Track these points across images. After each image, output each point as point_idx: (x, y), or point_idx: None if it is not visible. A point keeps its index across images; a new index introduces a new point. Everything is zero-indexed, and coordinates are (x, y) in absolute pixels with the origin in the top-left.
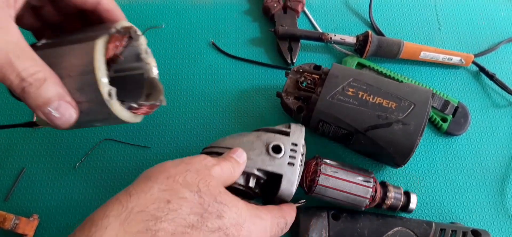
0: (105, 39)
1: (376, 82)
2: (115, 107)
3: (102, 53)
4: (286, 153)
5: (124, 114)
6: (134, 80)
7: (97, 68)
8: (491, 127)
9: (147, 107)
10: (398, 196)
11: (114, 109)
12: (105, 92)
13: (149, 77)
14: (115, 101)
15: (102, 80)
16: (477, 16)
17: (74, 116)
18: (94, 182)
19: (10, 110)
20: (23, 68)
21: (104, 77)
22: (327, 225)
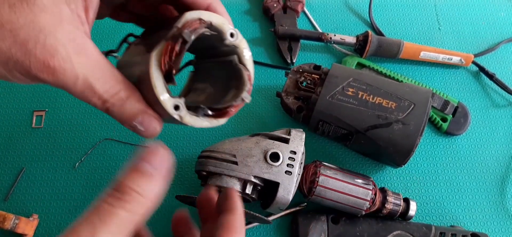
0: (159, 52)
1: (376, 82)
2: (187, 120)
3: (156, 69)
4: (284, 161)
5: (199, 123)
6: (225, 68)
7: (155, 86)
8: (491, 127)
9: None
10: (397, 202)
11: (185, 121)
12: (170, 107)
13: (237, 66)
14: (185, 113)
15: (161, 98)
16: (477, 16)
17: (158, 128)
18: (94, 181)
19: (10, 110)
20: (104, 91)
21: (163, 94)
22: (326, 229)
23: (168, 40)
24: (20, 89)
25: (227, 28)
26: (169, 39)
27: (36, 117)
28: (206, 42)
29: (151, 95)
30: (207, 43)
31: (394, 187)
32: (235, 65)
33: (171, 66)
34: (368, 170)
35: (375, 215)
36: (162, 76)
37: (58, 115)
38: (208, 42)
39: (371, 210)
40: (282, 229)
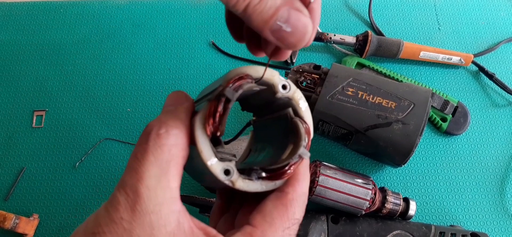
0: (203, 115)
1: (376, 82)
2: (239, 185)
3: (202, 134)
4: None
5: (253, 187)
6: (282, 123)
7: (201, 151)
8: (490, 127)
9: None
10: (397, 202)
11: (237, 186)
12: (220, 173)
13: (292, 119)
14: (236, 177)
15: (209, 163)
16: (476, 16)
17: (309, 25)
18: (94, 181)
19: (10, 109)
20: None
21: (211, 159)
22: (326, 229)
23: (212, 100)
24: (20, 89)
25: (278, 80)
26: (212, 99)
27: (36, 117)
28: (260, 98)
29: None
30: (262, 99)
31: (394, 186)
32: (290, 118)
33: (216, 129)
34: (368, 169)
35: (375, 214)
36: (209, 140)
37: (59, 115)
38: (262, 97)
39: (371, 210)
40: None
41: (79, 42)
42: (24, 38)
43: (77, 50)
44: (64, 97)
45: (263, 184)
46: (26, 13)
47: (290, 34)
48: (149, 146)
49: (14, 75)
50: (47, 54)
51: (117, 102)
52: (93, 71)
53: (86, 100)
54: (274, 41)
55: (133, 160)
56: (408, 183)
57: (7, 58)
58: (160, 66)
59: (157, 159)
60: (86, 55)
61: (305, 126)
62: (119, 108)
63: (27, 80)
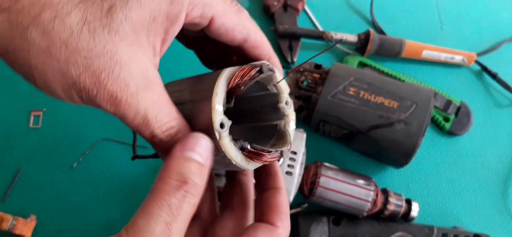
0: (232, 70)
1: (378, 81)
2: (224, 142)
3: (224, 81)
4: (284, 162)
5: (233, 152)
6: (266, 131)
7: (215, 93)
8: (493, 127)
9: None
10: (399, 203)
11: (223, 143)
12: (217, 120)
13: (282, 129)
14: (226, 135)
15: (217, 107)
16: (479, 15)
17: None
18: (91, 182)
19: (7, 110)
20: (158, 127)
21: (219, 104)
22: (327, 230)
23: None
24: (17, 89)
25: (287, 94)
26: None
27: (33, 117)
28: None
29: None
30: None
31: (396, 188)
32: (279, 129)
33: (238, 85)
34: (369, 170)
35: (376, 216)
36: (225, 91)
37: (56, 115)
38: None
39: (372, 211)
40: None
41: None
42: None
43: None
44: None
45: (240, 157)
46: None
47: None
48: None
49: (11, 74)
50: None
51: None
52: None
53: None
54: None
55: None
56: (410, 184)
57: None
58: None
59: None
60: None
61: (290, 142)
62: None
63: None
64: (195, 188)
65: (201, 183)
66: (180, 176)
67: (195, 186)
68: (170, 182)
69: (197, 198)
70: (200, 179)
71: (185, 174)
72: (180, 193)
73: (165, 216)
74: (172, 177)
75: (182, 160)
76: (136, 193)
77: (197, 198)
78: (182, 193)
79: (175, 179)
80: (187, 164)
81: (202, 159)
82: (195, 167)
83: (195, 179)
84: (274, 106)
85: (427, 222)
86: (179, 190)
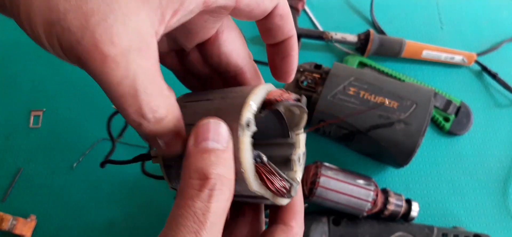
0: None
1: (378, 81)
2: (244, 139)
3: (266, 88)
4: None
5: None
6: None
7: (254, 93)
8: (493, 127)
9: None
10: (399, 203)
11: (241, 140)
12: (246, 116)
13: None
14: (249, 133)
15: (251, 103)
16: (479, 15)
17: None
18: (91, 182)
19: (7, 109)
20: (147, 102)
21: (254, 103)
22: (327, 230)
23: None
24: (17, 89)
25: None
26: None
27: (33, 117)
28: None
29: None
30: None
31: (396, 188)
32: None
33: (276, 100)
34: (369, 170)
35: (376, 216)
36: (264, 98)
37: (56, 115)
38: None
39: (372, 211)
40: None
41: None
42: (22, 37)
43: None
44: (62, 97)
45: (250, 167)
46: None
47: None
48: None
49: (11, 74)
50: (44, 53)
51: None
52: None
53: (84, 100)
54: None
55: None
56: (411, 184)
57: (4, 57)
58: None
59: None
60: None
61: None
62: None
63: (24, 80)
64: (221, 180)
65: (228, 172)
66: (200, 173)
67: (220, 179)
68: (191, 183)
69: (227, 192)
70: (224, 168)
71: (205, 169)
72: (204, 193)
73: (192, 225)
74: (192, 176)
75: (198, 154)
76: (136, 193)
77: (227, 192)
78: (207, 193)
79: (196, 178)
80: (204, 156)
81: (220, 145)
82: (214, 156)
83: (218, 170)
84: (286, 157)
85: (427, 222)
86: (203, 190)
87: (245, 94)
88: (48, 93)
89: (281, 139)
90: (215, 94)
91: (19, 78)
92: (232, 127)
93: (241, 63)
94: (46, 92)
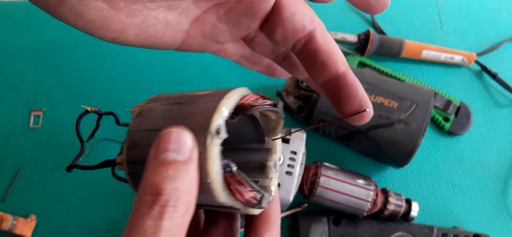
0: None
1: (378, 81)
2: (213, 148)
3: (240, 93)
4: (284, 161)
5: (215, 167)
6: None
7: (227, 97)
8: (493, 127)
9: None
10: (399, 203)
11: (209, 149)
12: (216, 123)
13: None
14: (218, 141)
15: (223, 109)
16: (479, 15)
17: None
18: (92, 182)
19: (7, 109)
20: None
21: (226, 108)
22: (327, 230)
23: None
24: (17, 88)
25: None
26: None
27: (33, 117)
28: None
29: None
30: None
31: (396, 188)
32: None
33: (250, 105)
34: (369, 170)
35: (376, 216)
36: (237, 103)
37: (56, 115)
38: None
39: (372, 211)
40: (283, 230)
41: (77, 42)
42: (21, 37)
43: (74, 50)
44: (62, 97)
45: (218, 177)
46: (23, 11)
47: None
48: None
49: (11, 74)
50: (44, 54)
51: (115, 102)
52: (91, 70)
53: (84, 100)
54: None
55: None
56: (410, 184)
57: (4, 57)
58: (159, 65)
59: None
60: (83, 55)
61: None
62: (117, 108)
63: (24, 80)
64: (177, 196)
65: (187, 186)
66: (152, 189)
67: (175, 194)
68: (143, 199)
69: (183, 208)
70: (183, 182)
71: (158, 184)
72: (154, 210)
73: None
74: (145, 191)
75: (154, 168)
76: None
77: (183, 207)
78: (158, 210)
79: (148, 194)
80: (161, 169)
81: (181, 156)
82: (172, 169)
83: (174, 184)
84: (262, 163)
85: (427, 222)
86: (154, 207)
87: (217, 99)
88: (48, 93)
89: (257, 144)
90: (188, 97)
91: (19, 78)
92: (199, 135)
93: (308, 25)
94: (46, 92)
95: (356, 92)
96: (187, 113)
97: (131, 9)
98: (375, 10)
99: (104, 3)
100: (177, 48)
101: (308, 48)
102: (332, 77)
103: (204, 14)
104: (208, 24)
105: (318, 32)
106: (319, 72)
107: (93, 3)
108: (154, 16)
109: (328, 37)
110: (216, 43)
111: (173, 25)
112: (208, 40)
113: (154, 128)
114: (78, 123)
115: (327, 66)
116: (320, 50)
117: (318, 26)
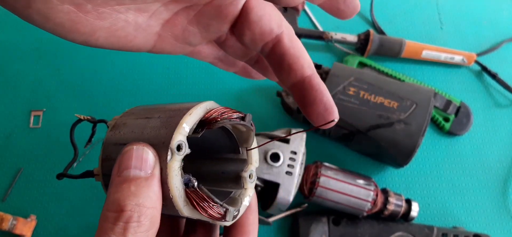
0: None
1: (378, 81)
2: (172, 164)
3: (205, 107)
4: (284, 161)
5: (175, 182)
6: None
7: (189, 113)
8: (493, 127)
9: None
10: (399, 203)
11: (169, 165)
12: (177, 139)
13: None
14: (178, 158)
15: (184, 125)
16: (479, 15)
17: None
18: (92, 182)
19: (7, 109)
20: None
21: (188, 125)
22: (327, 230)
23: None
24: (17, 88)
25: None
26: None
27: (33, 116)
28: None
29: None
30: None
31: (396, 188)
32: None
33: (215, 119)
34: (369, 170)
35: (376, 216)
36: (201, 117)
37: (56, 115)
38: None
39: (372, 211)
40: (283, 230)
41: None
42: (21, 37)
43: (74, 50)
44: (62, 96)
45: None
46: None
47: None
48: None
49: (11, 74)
50: (44, 54)
51: (115, 101)
52: (91, 70)
53: (84, 100)
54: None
55: None
56: (410, 184)
57: (4, 57)
58: (159, 65)
59: None
60: (83, 55)
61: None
62: (117, 108)
63: (24, 80)
64: (140, 211)
65: (150, 201)
66: (115, 205)
67: (138, 210)
68: (107, 215)
69: (147, 223)
70: (145, 198)
71: (121, 200)
72: (118, 226)
73: None
74: (108, 208)
75: (117, 185)
76: None
77: (146, 222)
78: (121, 226)
79: (112, 211)
80: (123, 186)
81: (143, 172)
82: (134, 186)
83: (136, 200)
84: (237, 174)
85: (427, 222)
86: (117, 223)
87: (180, 114)
88: (48, 93)
89: (232, 154)
90: (154, 112)
91: (19, 78)
92: (161, 151)
93: (275, 29)
94: (46, 92)
95: (321, 96)
96: (153, 128)
97: (99, 12)
98: (345, 14)
99: (71, 6)
100: (149, 50)
101: (275, 51)
102: (299, 80)
103: (174, 17)
104: (179, 27)
105: (285, 35)
106: (286, 75)
107: (60, 6)
108: (124, 19)
109: (296, 41)
110: (188, 46)
111: (143, 28)
112: (180, 42)
113: (122, 142)
114: (72, 132)
115: (293, 70)
116: (287, 53)
117: (286, 30)
